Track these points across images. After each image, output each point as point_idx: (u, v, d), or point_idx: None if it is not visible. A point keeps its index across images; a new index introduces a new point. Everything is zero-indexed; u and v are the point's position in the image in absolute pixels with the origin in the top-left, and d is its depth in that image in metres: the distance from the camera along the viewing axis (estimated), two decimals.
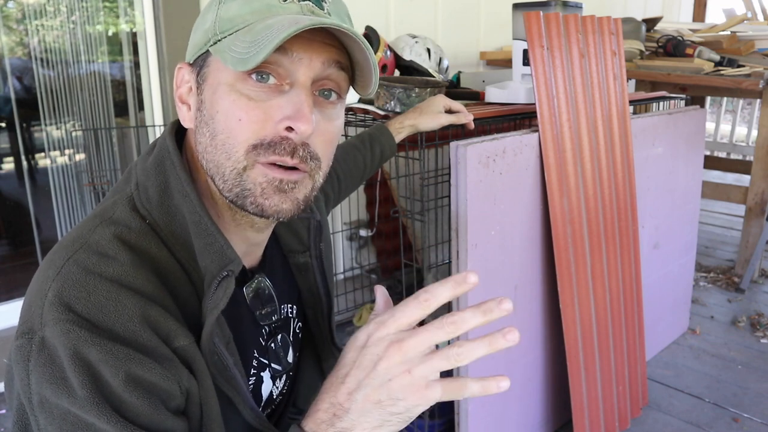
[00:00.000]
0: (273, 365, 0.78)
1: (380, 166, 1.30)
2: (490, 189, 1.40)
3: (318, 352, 0.88)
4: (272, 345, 0.78)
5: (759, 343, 2.30)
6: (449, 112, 1.39)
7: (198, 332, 0.61)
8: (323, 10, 0.63)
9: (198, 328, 0.62)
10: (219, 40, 0.61)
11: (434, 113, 1.35)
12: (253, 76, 0.60)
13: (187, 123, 0.67)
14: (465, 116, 1.39)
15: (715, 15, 4.59)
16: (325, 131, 0.64)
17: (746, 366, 2.15)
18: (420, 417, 1.65)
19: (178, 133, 0.70)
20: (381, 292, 0.64)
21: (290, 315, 0.82)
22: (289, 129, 0.60)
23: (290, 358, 0.82)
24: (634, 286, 1.81)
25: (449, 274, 1.47)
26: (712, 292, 2.76)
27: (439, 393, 0.54)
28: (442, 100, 1.38)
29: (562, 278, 1.53)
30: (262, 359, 0.76)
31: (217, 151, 0.62)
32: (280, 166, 0.62)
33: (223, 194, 0.64)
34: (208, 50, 0.63)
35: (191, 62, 0.66)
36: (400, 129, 1.32)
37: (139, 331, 0.56)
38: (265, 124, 0.60)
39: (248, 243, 0.72)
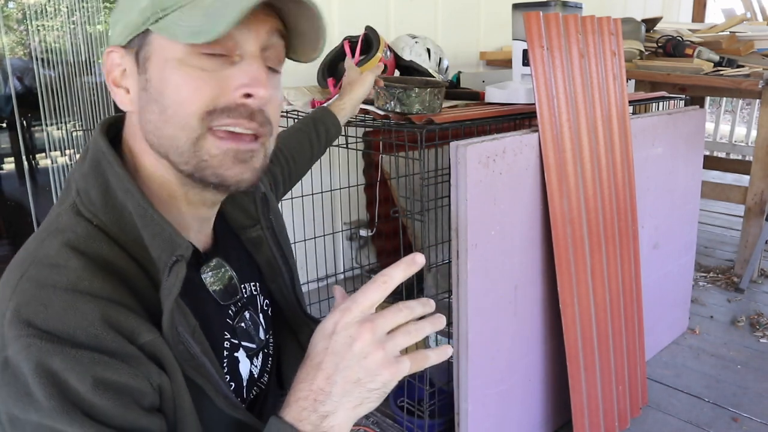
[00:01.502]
0: (245, 344, 0.78)
1: (328, 145, 1.29)
2: (490, 189, 1.41)
3: (291, 326, 0.88)
4: (242, 324, 0.78)
5: (758, 343, 2.30)
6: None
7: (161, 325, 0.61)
8: None
9: (161, 321, 0.62)
10: (160, 18, 0.61)
11: (359, 80, 1.37)
12: (204, 49, 0.61)
13: (126, 106, 0.67)
14: (377, 67, 1.46)
15: (714, 15, 4.59)
16: (273, 98, 0.66)
17: (746, 366, 2.15)
18: (420, 417, 1.66)
19: (110, 129, 0.70)
20: (338, 291, 0.70)
21: (254, 292, 0.82)
22: (246, 96, 0.62)
23: (262, 335, 0.82)
24: (634, 286, 1.81)
25: (449, 274, 1.47)
26: (711, 292, 2.76)
27: (408, 365, 0.60)
28: (352, 69, 1.43)
29: (562, 278, 1.54)
30: (233, 340, 0.76)
31: (169, 125, 0.62)
32: (234, 136, 0.63)
33: (180, 169, 0.64)
34: (147, 29, 0.62)
35: (124, 44, 0.65)
36: (341, 107, 1.32)
37: (101, 335, 0.56)
38: (220, 92, 0.62)
39: (200, 221, 0.73)
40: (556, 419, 1.78)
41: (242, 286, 0.80)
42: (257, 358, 0.81)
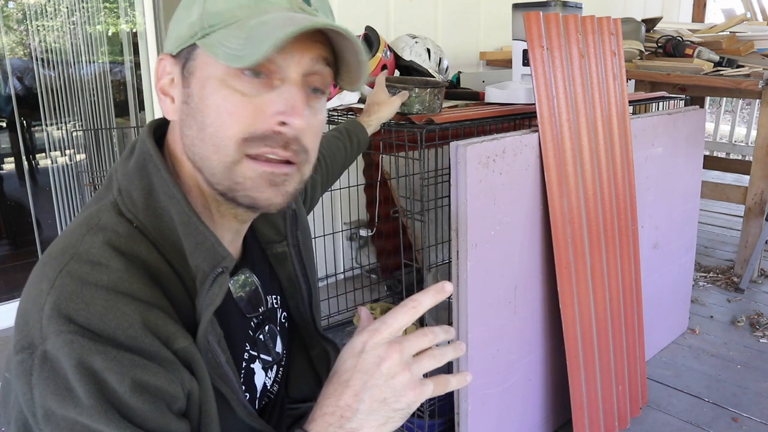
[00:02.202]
0: (263, 356, 0.79)
1: (357, 156, 1.37)
2: (490, 189, 1.41)
3: (304, 340, 0.89)
4: (261, 336, 0.78)
5: (758, 343, 2.31)
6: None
7: (192, 332, 0.62)
8: (311, 6, 0.64)
9: (192, 329, 0.62)
10: (207, 34, 0.61)
11: (387, 102, 1.44)
12: (246, 71, 0.60)
13: (170, 115, 0.67)
14: (403, 95, 1.49)
15: (714, 15, 4.59)
16: (312, 125, 0.65)
17: (745, 366, 2.15)
18: (420, 417, 1.66)
19: (156, 131, 0.70)
20: (364, 312, 0.71)
21: (275, 306, 0.83)
22: (282, 124, 0.62)
23: (279, 348, 0.83)
24: (634, 286, 1.81)
25: (449, 274, 1.47)
26: (711, 291, 2.76)
27: (431, 388, 0.62)
28: (382, 89, 1.47)
29: (562, 278, 1.54)
30: (252, 352, 0.76)
31: (205, 144, 0.62)
32: (269, 159, 0.63)
33: (212, 186, 0.64)
34: (194, 44, 0.62)
35: (174, 54, 0.65)
36: (368, 124, 1.40)
37: (140, 337, 0.57)
38: (256, 118, 0.61)
39: (233, 232, 0.73)
40: (556, 419, 1.78)
41: (266, 297, 0.80)
42: (272, 371, 0.81)
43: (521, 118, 1.71)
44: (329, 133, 1.32)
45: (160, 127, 0.70)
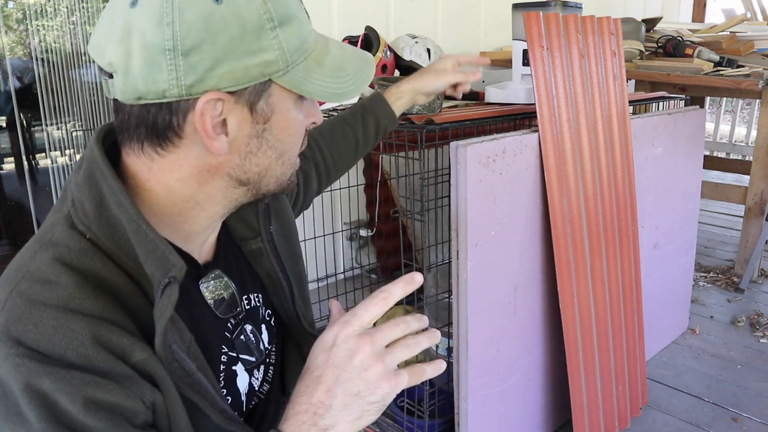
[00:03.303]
0: (244, 357, 0.77)
1: (379, 138, 1.15)
2: (490, 189, 1.41)
3: (294, 337, 0.87)
4: (241, 337, 0.77)
5: (758, 343, 2.30)
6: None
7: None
8: (309, 18, 0.69)
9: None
10: (288, 72, 0.62)
11: (438, 71, 1.14)
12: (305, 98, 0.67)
13: (222, 151, 0.62)
14: (473, 74, 1.18)
15: (714, 15, 4.59)
16: None
17: (746, 366, 2.15)
18: (420, 417, 1.66)
19: (107, 137, 0.67)
20: (335, 305, 0.70)
21: (257, 304, 0.81)
22: (312, 124, 0.71)
23: (264, 346, 0.81)
24: (634, 285, 1.81)
25: (449, 274, 1.48)
26: (711, 291, 2.76)
27: (406, 378, 0.62)
28: (450, 59, 1.17)
29: (562, 278, 1.54)
30: (230, 353, 0.75)
31: (282, 164, 0.68)
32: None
33: (261, 192, 0.69)
34: (269, 80, 0.61)
35: (232, 90, 0.60)
36: (399, 95, 1.14)
37: (92, 354, 0.56)
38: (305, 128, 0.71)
39: (209, 231, 0.73)
40: (556, 419, 1.78)
41: (244, 297, 0.79)
42: (258, 371, 0.80)
43: (521, 118, 1.71)
44: (339, 115, 1.14)
45: (111, 133, 0.67)
